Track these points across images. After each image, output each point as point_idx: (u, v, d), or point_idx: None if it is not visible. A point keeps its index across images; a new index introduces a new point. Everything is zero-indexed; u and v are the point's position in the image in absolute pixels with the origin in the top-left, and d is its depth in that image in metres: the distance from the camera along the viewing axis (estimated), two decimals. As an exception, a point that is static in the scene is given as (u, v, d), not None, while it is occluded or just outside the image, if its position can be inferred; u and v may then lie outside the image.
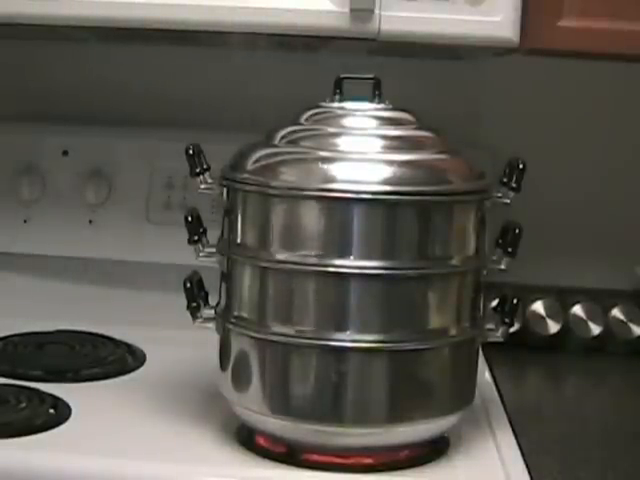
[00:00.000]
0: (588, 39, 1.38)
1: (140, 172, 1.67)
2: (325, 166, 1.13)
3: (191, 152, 1.21)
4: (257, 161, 1.16)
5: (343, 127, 1.17)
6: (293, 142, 1.17)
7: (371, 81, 1.20)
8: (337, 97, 1.21)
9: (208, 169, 1.22)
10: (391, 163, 1.13)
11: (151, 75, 1.75)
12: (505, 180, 1.21)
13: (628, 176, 1.73)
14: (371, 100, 1.20)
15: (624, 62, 1.53)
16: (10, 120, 1.73)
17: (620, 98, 1.72)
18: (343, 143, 1.15)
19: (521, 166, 1.20)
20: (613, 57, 1.44)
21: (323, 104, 1.21)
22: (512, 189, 1.20)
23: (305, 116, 1.20)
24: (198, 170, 1.21)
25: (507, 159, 1.22)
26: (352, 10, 1.32)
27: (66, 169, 1.67)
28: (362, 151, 1.14)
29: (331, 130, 1.17)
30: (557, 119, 1.73)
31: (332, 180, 1.11)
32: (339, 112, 1.19)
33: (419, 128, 1.20)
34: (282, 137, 1.19)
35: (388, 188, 1.11)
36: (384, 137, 1.17)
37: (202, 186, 1.22)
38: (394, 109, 1.20)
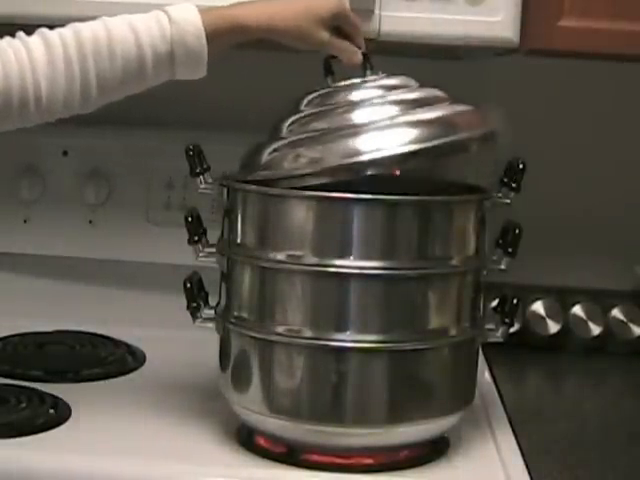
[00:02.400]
0: (588, 39, 1.38)
1: (140, 172, 1.66)
2: (347, 140, 1.12)
3: (191, 152, 1.21)
4: (272, 153, 1.16)
5: (350, 101, 1.17)
6: (303, 126, 1.17)
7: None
8: (330, 78, 1.21)
9: (208, 169, 1.22)
10: (413, 124, 1.13)
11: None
12: (505, 180, 1.21)
13: (628, 176, 1.73)
14: (363, 74, 1.20)
15: (624, 62, 1.53)
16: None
17: (620, 98, 1.72)
18: (357, 116, 1.15)
19: (521, 166, 1.20)
20: (613, 57, 1.44)
21: (319, 88, 1.21)
22: (512, 189, 1.20)
23: (305, 102, 1.20)
24: (198, 170, 1.21)
25: (507, 159, 1.22)
26: (352, 10, 1.32)
27: (66, 169, 1.67)
28: (379, 119, 1.14)
29: (340, 106, 1.17)
30: (557, 119, 1.73)
31: (357, 153, 1.11)
32: (340, 90, 1.19)
33: (423, 87, 1.20)
34: (289, 126, 1.18)
35: (414, 147, 1.10)
36: (396, 102, 1.17)
37: (202, 186, 1.22)
38: (392, 75, 1.21)
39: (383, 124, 1.14)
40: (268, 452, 1.18)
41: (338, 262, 1.12)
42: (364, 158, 1.11)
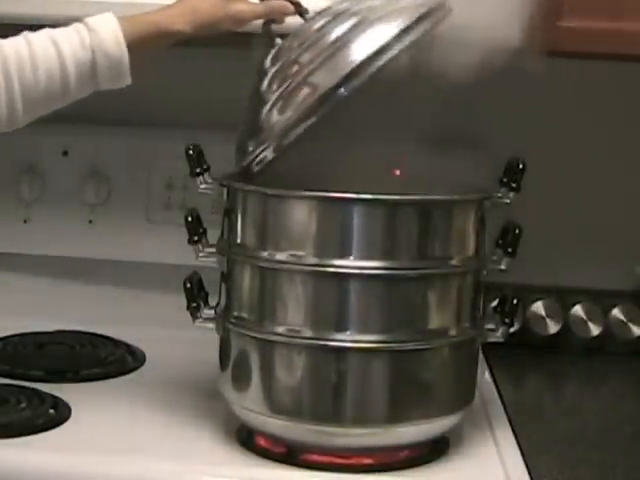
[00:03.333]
0: (588, 39, 1.38)
1: (140, 172, 1.66)
2: (335, 56, 1.12)
3: (191, 152, 1.21)
4: (270, 111, 1.15)
5: (313, 30, 1.17)
6: (284, 80, 1.16)
7: None
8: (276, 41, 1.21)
9: (208, 169, 1.22)
10: (388, 16, 1.13)
11: (151, 75, 1.75)
12: (505, 180, 1.21)
13: (628, 176, 1.73)
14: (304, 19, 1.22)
15: (624, 62, 1.53)
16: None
17: (620, 98, 1.72)
18: (328, 36, 1.14)
19: (521, 166, 1.20)
20: (613, 57, 1.44)
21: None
22: (512, 189, 1.20)
23: (268, 63, 1.20)
24: (198, 170, 1.21)
25: (507, 159, 1.22)
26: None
27: (66, 169, 1.67)
28: (350, 28, 1.13)
29: (307, 40, 1.16)
30: (557, 119, 1.72)
31: (350, 59, 1.11)
32: (294, 34, 1.19)
33: None
34: (269, 86, 1.17)
35: (402, 25, 1.10)
36: (355, 11, 1.15)
37: (202, 186, 1.22)
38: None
39: (360, 28, 1.13)
40: (268, 452, 1.18)
41: (338, 262, 1.11)
42: (360, 57, 1.10)
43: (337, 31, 1.14)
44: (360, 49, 1.11)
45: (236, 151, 1.19)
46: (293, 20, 1.24)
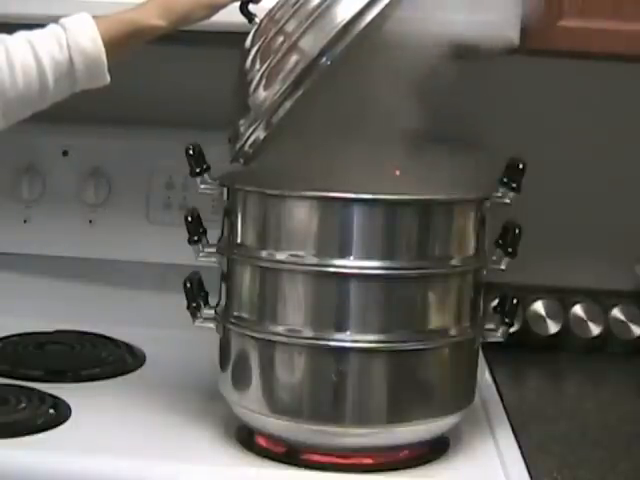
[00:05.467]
0: (588, 39, 1.38)
1: (140, 172, 1.66)
2: (320, 20, 1.10)
3: (191, 152, 1.21)
4: (259, 84, 1.14)
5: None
6: (269, 55, 1.14)
7: None
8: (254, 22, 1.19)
9: (208, 169, 1.22)
10: None
11: (151, 75, 1.75)
12: (505, 180, 1.21)
13: (628, 176, 1.73)
14: None
15: (624, 62, 1.53)
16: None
17: (620, 98, 1.72)
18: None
19: (521, 166, 1.20)
20: (613, 57, 1.44)
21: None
22: (512, 189, 1.20)
23: (249, 42, 1.18)
24: (198, 170, 1.21)
25: (507, 159, 1.22)
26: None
27: (66, 169, 1.67)
28: None
29: (286, 15, 1.14)
30: (557, 119, 1.72)
31: (335, 20, 1.09)
32: (271, 11, 1.17)
33: None
34: (252, 64, 1.16)
35: None
36: None
37: (202, 186, 1.22)
38: None
39: None
40: (268, 452, 1.18)
41: (338, 262, 1.12)
42: (346, 17, 1.09)
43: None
44: (344, 10, 1.09)
45: (229, 142, 1.18)
46: None
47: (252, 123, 1.13)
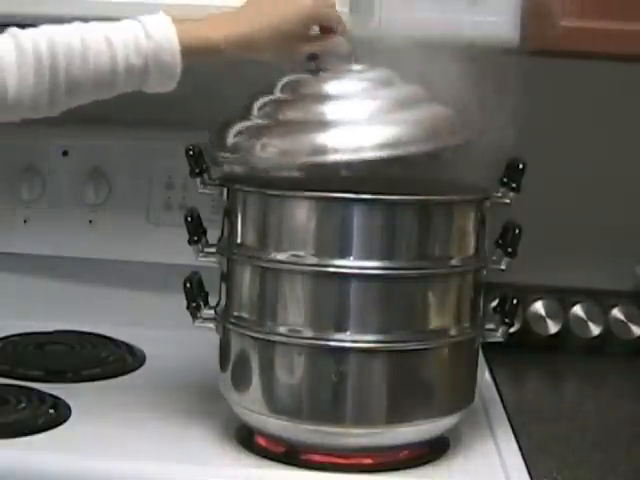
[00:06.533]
0: (588, 39, 1.38)
1: (140, 172, 1.66)
2: (317, 135, 1.11)
3: (191, 152, 1.21)
4: (239, 135, 1.15)
5: (327, 93, 1.15)
6: (275, 112, 1.16)
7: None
8: (312, 64, 1.18)
9: (208, 169, 1.22)
10: (387, 126, 1.12)
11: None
12: (505, 180, 1.21)
13: (628, 176, 1.73)
14: (349, 64, 1.19)
15: (624, 62, 1.53)
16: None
17: (620, 98, 1.72)
18: (331, 110, 1.13)
19: (521, 166, 1.20)
20: (613, 57, 1.44)
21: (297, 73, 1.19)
22: (512, 189, 1.20)
23: (280, 85, 1.19)
24: (198, 170, 1.21)
25: (507, 159, 1.22)
26: (352, 11, 1.32)
27: (66, 169, 1.67)
28: (353, 116, 1.12)
29: (316, 96, 1.15)
30: (557, 119, 1.72)
31: (324, 151, 1.10)
32: (318, 79, 1.17)
33: (404, 84, 1.18)
34: (260, 109, 1.17)
35: (384, 153, 1.09)
36: (373, 98, 1.15)
37: (202, 186, 1.22)
38: (374, 69, 1.18)
39: (357, 122, 1.12)
40: (268, 452, 1.18)
41: (338, 262, 1.12)
42: (331, 158, 1.10)
43: (338, 108, 1.13)
44: (343, 146, 1.10)
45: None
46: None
47: (232, 154, 1.15)
